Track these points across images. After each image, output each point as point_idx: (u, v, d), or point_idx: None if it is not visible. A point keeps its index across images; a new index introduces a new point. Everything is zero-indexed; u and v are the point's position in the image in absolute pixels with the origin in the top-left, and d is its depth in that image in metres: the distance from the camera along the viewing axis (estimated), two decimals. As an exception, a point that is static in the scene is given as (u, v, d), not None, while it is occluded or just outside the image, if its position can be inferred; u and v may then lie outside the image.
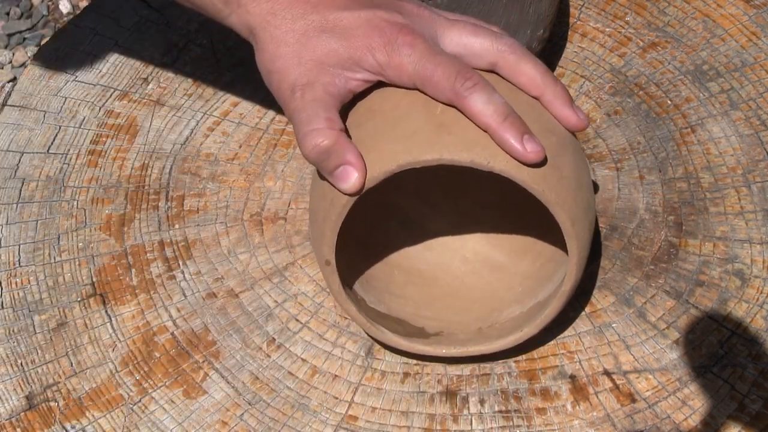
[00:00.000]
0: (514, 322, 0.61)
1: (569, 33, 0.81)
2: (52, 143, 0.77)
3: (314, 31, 0.55)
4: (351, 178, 0.53)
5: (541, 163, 0.53)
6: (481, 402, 0.62)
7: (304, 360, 0.64)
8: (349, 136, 0.55)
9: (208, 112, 0.78)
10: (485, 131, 0.53)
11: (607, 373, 0.62)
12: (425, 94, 0.55)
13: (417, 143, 0.53)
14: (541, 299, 0.60)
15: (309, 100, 0.54)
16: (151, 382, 0.64)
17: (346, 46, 0.55)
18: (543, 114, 0.56)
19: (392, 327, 0.61)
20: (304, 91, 0.55)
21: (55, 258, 0.71)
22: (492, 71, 0.57)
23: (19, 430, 0.62)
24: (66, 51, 0.83)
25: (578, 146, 0.58)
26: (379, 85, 0.56)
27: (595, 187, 0.70)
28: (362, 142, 0.54)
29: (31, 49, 1.47)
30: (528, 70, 0.56)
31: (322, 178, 0.56)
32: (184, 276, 0.69)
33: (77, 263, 0.70)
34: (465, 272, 0.67)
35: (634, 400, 0.61)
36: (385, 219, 0.68)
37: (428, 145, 0.53)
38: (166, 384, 0.64)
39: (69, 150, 0.77)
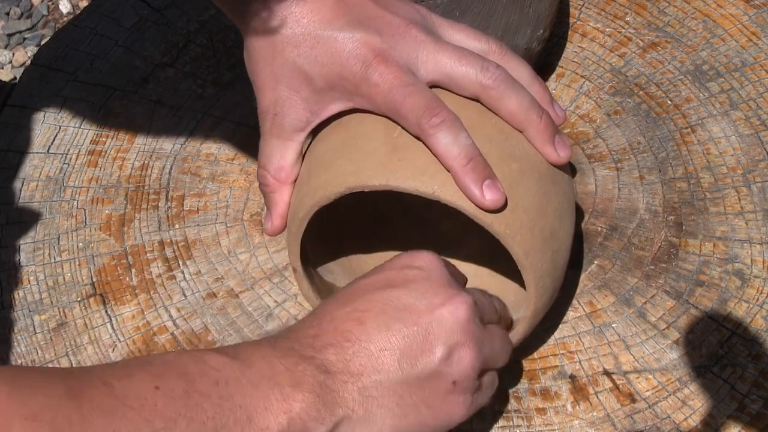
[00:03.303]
0: None
1: (569, 33, 0.81)
2: (52, 143, 0.77)
3: (292, 49, 0.55)
4: (267, 225, 0.60)
5: (501, 208, 0.53)
6: (481, 402, 0.62)
7: (304, 360, 0.64)
8: (321, 149, 0.57)
9: (208, 112, 0.78)
10: (448, 171, 0.53)
11: (607, 373, 0.62)
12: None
13: (368, 166, 0.54)
14: (520, 316, 0.59)
15: (274, 135, 0.58)
16: (151, 382, 0.64)
17: (318, 74, 0.55)
18: (511, 138, 0.56)
19: None
20: (273, 123, 0.58)
21: (55, 258, 0.71)
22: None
23: (19, 430, 0.62)
24: (66, 51, 0.83)
25: (551, 172, 0.57)
26: None
27: (579, 212, 0.69)
28: (322, 157, 0.56)
29: (31, 49, 1.47)
30: (510, 107, 0.55)
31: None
32: (184, 276, 0.69)
33: (77, 263, 0.70)
34: (467, 273, 0.67)
35: (634, 400, 0.61)
36: (395, 215, 0.68)
37: (378, 168, 0.53)
38: (166, 384, 0.64)
39: (69, 150, 0.77)
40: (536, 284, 0.55)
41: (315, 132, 0.59)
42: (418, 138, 0.54)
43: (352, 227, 0.66)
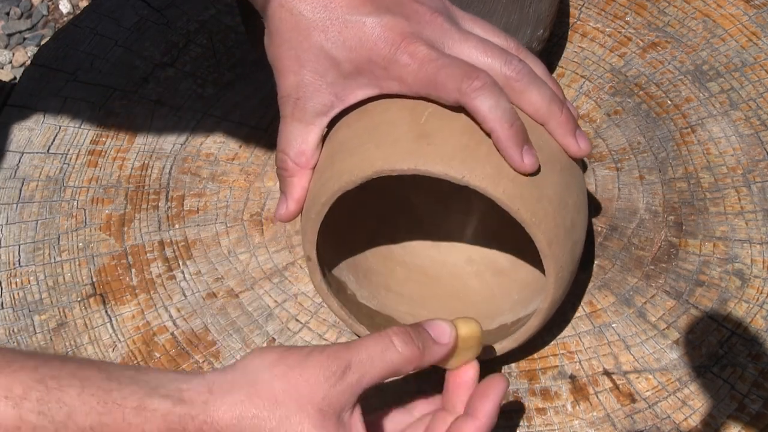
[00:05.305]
0: (499, 332, 0.60)
1: (569, 33, 0.81)
2: (52, 143, 0.77)
3: (319, 33, 0.55)
4: (282, 209, 0.58)
5: (533, 173, 0.53)
6: (481, 402, 0.62)
7: (304, 360, 0.64)
8: (338, 138, 0.56)
9: (208, 112, 0.78)
10: (489, 135, 0.53)
11: (607, 373, 0.62)
12: (432, 101, 0.54)
13: (396, 151, 0.53)
14: (530, 311, 0.59)
15: (296, 118, 0.57)
16: (151, 382, 0.64)
17: (346, 59, 0.55)
18: (534, 130, 0.56)
19: (377, 324, 0.61)
20: (295, 107, 0.57)
21: (55, 258, 0.71)
22: None
23: (19, 430, 0.62)
24: (66, 51, 0.83)
25: (570, 165, 0.57)
26: None
27: (596, 206, 0.70)
28: (347, 143, 0.55)
29: (31, 49, 1.47)
30: (533, 99, 0.55)
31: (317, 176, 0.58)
32: (184, 276, 0.69)
33: (77, 263, 0.70)
34: (469, 273, 0.67)
35: (634, 400, 0.61)
36: (397, 214, 0.68)
37: (406, 154, 0.53)
38: (166, 384, 0.64)
39: (69, 150, 0.77)
40: (556, 274, 0.55)
41: (335, 120, 0.58)
42: (457, 106, 0.53)
43: (355, 226, 0.66)
